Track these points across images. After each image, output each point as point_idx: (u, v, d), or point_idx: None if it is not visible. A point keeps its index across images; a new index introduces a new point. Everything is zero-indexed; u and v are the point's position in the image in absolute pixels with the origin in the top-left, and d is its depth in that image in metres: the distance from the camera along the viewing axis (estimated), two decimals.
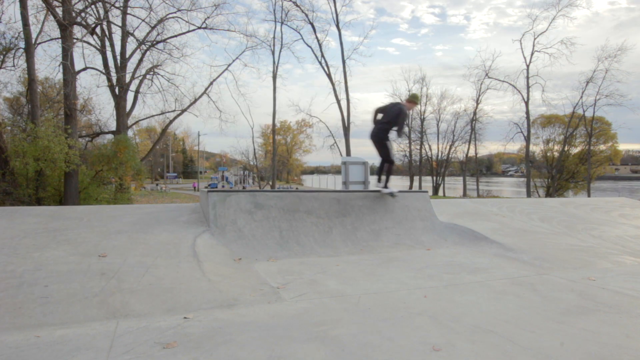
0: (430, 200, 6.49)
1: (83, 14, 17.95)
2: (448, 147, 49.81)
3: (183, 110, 24.78)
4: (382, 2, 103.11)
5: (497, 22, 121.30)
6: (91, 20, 19.02)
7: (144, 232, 4.48)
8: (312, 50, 34.83)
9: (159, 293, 2.95)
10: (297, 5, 31.91)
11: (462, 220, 6.23)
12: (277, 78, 33.16)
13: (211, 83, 25.81)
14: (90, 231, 4.40)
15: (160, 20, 21.47)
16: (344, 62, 32.58)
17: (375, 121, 6.35)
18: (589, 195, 34.75)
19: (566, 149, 43.10)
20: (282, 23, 32.65)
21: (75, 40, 17.69)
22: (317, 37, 32.64)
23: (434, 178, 51.00)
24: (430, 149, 51.19)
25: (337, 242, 5.07)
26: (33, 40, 16.35)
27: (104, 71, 20.64)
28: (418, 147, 50.63)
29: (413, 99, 6.61)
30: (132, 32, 20.93)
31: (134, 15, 20.93)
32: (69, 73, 16.36)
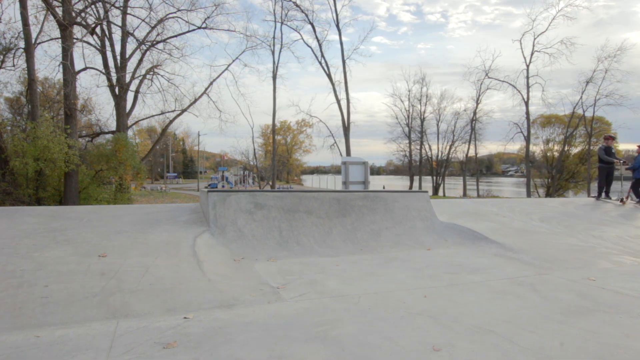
0: (430, 200, 6.50)
1: (83, 14, 17.95)
2: (448, 147, 49.85)
3: (183, 110, 24.77)
4: (355, 0, 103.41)
5: (475, 20, 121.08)
6: (91, 20, 19.02)
7: (144, 232, 4.48)
8: (312, 50, 34.92)
9: (159, 293, 2.95)
10: (297, 5, 31.94)
11: (462, 220, 6.22)
12: (277, 78, 33.17)
13: (211, 83, 25.80)
14: (90, 231, 4.40)
15: (160, 20, 21.46)
16: (343, 62, 32.60)
17: None
18: (588, 195, 34.75)
19: (566, 149, 43.10)
20: (282, 23, 32.66)
21: (75, 40, 17.69)
22: (317, 37, 32.68)
23: (434, 178, 51.01)
24: (430, 149, 51.23)
25: (337, 242, 5.07)
26: (33, 40, 16.35)
27: (104, 71, 20.63)
28: (418, 147, 50.66)
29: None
30: (132, 32, 20.92)
31: (134, 15, 20.93)
32: (69, 73, 16.36)
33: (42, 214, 5.08)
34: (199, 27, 23.48)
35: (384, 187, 31.89)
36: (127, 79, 21.34)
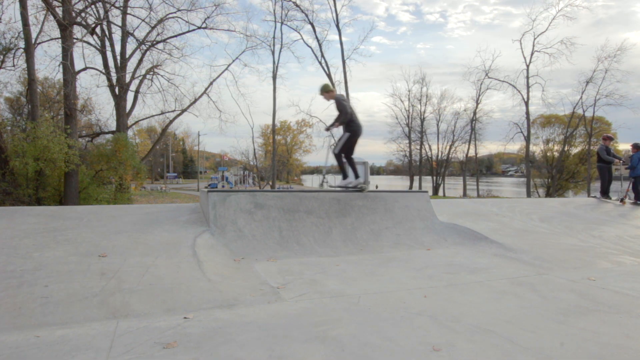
0: (430, 200, 6.49)
1: (83, 14, 17.95)
2: (448, 147, 49.88)
3: (183, 110, 24.79)
4: (354, 0, 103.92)
5: (474, 20, 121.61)
6: (91, 20, 19.03)
7: (144, 232, 4.48)
8: (312, 50, 34.90)
9: (159, 293, 2.95)
10: (297, 5, 31.93)
11: (462, 220, 6.22)
12: (277, 78, 33.18)
13: (211, 83, 25.83)
14: (90, 231, 4.40)
15: (160, 20, 21.48)
16: (343, 62, 32.60)
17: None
18: (588, 195, 34.74)
19: (566, 149, 43.11)
20: (282, 23, 32.65)
21: (75, 40, 17.69)
22: (317, 37, 32.68)
23: (434, 178, 51.03)
24: (430, 149, 51.26)
25: (337, 242, 5.07)
26: (33, 40, 16.36)
27: (104, 71, 20.65)
28: (418, 147, 50.69)
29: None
30: (132, 32, 20.94)
31: (134, 15, 20.96)
32: (69, 73, 16.36)
33: (42, 214, 5.08)
34: (199, 27, 23.50)
35: (376, 187, 31.85)
36: (127, 79, 21.36)
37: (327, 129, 6.63)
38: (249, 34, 36.07)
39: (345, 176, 6.48)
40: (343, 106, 6.21)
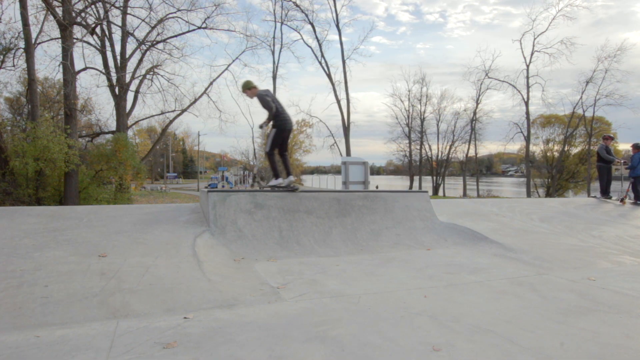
0: (430, 200, 6.49)
1: (83, 14, 17.96)
2: (448, 147, 49.84)
3: (183, 110, 24.77)
4: (354, 0, 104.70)
5: (474, 20, 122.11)
6: (91, 20, 19.03)
7: (144, 232, 4.48)
8: (312, 50, 34.97)
9: (159, 293, 2.95)
10: (296, 5, 31.94)
11: (462, 220, 6.22)
12: (277, 78, 33.19)
13: (211, 83, 25.80)
14: (90, 231, 4.40)
15: (160, 20, 21.48)
16: (343, 62, 32.64)
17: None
18: (589, 195, 34.71)
19: (566, 149, 43.10)
20: (282, 23, 32.67)
21: (75, 40, 17.70)
22: (317, 37, 32.71)
23: (434, 178, 51.00)
24: (430, 149, 51.23)
25: (337, 242, 5.07)
26: (33, 40, 16.36)
27: (104, 71, 20.64)
28: (418, 147, 50.67)
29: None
30: (132, 32, 20.93)
31: (134, 15, 20.95)
32: (69, 73, 16.37)
33: (42, 214, 5.08)
34: (199, 27, 23.49)
35: (377, 187, 31.82)
36: (127, 79, 21.36)
37: (260, 127, 6.33)
38: (249, 34, 36.06)
39: (276, 176, 6.12)
40: (266, 102, 5.93)
